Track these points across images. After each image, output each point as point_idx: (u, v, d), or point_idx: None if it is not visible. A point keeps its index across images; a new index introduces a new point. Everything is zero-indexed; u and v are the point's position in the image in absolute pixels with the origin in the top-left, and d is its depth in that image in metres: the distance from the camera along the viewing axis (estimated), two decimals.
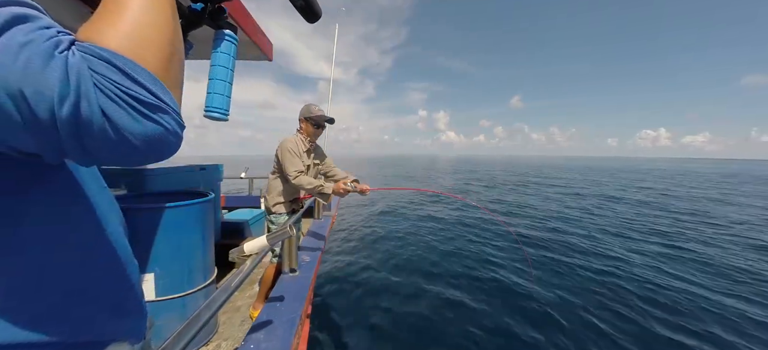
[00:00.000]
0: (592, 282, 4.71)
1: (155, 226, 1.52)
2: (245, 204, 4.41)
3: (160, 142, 0.35)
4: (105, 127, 0.31)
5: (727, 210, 11.18)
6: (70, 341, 0.42)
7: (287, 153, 2.12)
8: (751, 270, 5.19)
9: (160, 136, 0.35)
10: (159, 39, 0.37)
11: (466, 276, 4.92)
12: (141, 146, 0.34)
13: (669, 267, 5.25)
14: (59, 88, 0.28)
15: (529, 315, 3.82)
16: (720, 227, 8.35)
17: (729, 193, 15.94)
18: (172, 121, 0.36)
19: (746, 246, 6.57)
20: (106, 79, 0.31)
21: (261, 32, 2.22)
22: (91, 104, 0.29)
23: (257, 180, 5.20)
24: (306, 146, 2.27)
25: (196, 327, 0.78)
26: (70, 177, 0.44)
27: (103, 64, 0.31)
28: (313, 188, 2.07)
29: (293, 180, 2.09)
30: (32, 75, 0.27)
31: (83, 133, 0.30)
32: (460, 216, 9.04)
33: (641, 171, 38.39)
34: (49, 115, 0.28)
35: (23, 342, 0.38)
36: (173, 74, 0.39)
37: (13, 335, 0.37)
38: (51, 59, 0.28)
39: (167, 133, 0.36)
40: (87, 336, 0.44)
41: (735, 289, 4.51)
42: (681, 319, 3.72)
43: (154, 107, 0.34)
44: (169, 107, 0.36)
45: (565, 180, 22.97)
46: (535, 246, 6.40)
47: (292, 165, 2.10)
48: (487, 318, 3.78)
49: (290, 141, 2.19)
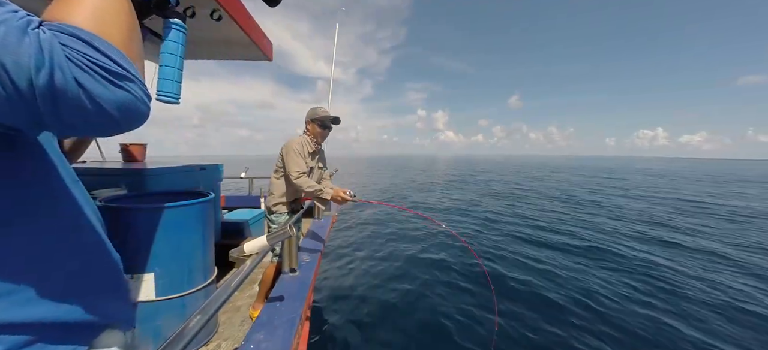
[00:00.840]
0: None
1: (155, 226, 1.52)
2: (245, 204, 4.41)
3: (131, 109, 0.39)
4: (79, 95, 0.33)
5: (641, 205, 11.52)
6: (64, 320, 0.45)
7: (292, 153, 2.13)
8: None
9: (129, 103, 0.38)
10: (118, 18, 0.41)
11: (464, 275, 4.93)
12: (114, 113, 0.37)
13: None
14: (35, 59, 0.30)
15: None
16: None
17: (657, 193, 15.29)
18: (139, 89, 0.40)
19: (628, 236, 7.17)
20: (76, 51, 0.33)
21: (261, 32, 2.22)
22: (65, 73, 0.32)
23: (257, 180, 5.19)
24: (312, 148, 2.29)
25: (196, 327, 0.78)
26: (42, 166, 0.47)
27: (71, 39, 0.34)
28: (313, 191, 2.08)
29: (294, 181, 2.09)
30: (10, 47, 0.29)
31: (60, 101, 0.32)
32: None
33: (621, 170, 38.59)
34: (28, 85, 0.30)
35: (17, 322, 0.41)
36: (135, 49, 0.43)
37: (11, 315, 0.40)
38: (25, 35, 0.30)
39: (136, 100, 0.39)
40: (78, 317, 0.47)
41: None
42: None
43: (121, 76, 0.37)
44: (135, 77, 0.39)
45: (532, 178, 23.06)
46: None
47: (295, 165, 2.11)
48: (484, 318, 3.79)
49: (296, 141, 2.20)
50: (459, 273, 5.08)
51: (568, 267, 5.33)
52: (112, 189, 2.01)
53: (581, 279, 4.79)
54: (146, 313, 1.55)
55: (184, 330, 0.75)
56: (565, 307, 3.97)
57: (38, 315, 0.42)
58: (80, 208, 0.51)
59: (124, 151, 3.08)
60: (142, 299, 1.53)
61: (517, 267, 5.36)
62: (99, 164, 2.81)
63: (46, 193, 0.46)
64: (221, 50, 2.38)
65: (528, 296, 4.30)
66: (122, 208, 1.54)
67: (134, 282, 1.52)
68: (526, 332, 3.49)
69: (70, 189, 0.50)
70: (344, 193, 2.05)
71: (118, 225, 1.54)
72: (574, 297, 4.23)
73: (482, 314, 3.86)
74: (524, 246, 6.53)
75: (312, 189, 2.08)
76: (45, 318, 0.43)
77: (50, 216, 0.46)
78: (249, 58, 2.53)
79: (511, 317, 3.78)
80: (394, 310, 3.97)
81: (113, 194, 1.87)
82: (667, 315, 3.81)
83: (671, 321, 3.68)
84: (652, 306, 4.04)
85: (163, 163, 2.85)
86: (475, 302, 4.14)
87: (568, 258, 5.75)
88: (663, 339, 3.38)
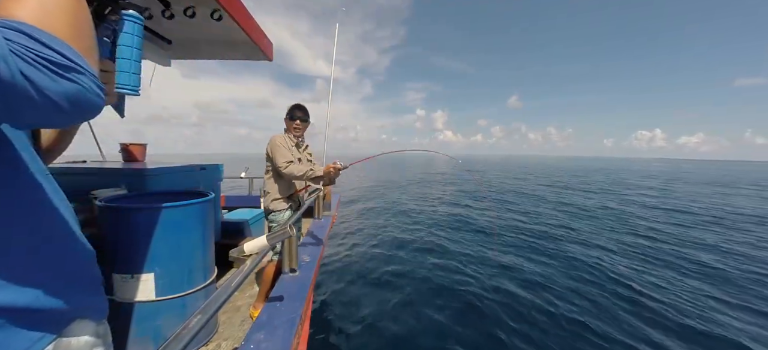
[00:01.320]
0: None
1: (155, 226, 1.52)
2: (245, 204, 4.41)
3: (81, 101, 0.40)
4: (27, 87, 0.34)
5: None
6: (32, 306, 0.46)
7: (276, 146, 2.19)
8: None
9: (79, 95, 0.39)
10: (64, 13, 0.42)
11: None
12: (63, 104, 0.38)
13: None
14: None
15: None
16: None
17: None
18: (89, 80, 0.41)
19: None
20: (20, 45, 0.34)
21: (261, 32, 2.22)
22: (10, 66, 0.32)
23: (257, 180, 5.19)
24: (293, 141, 2.34)
25: (196, 327, 0.78)
26: (6, 158, 0.47)
27: (15, 33, 0.34)
28: (305, 173, 2.12)
29: (284, 171, 2.13)
30: None
31: (7, 94, 0.33)
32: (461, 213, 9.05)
33: (605, 170, 38.88)
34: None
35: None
36: (85, 42, 0.45)
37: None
38: None
39: (86, 91, 0.40)
40: (46, 305, 0.48)
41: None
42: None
43: (68, 68, 0.38)
44: (84, 68, 0.40)
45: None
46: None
47: (281, 157, 2.15)
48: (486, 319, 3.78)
49: (279, 137, 2.27)
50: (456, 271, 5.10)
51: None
52: (112, 189, 2.01)
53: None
54: (146, 313, 1.55)
55: (184, 330, 0.75)
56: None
57: (5, 299, 0.43)
58: (50, 201, 0.53)
59: (124, 150, 3.08)
60: (142, 299, 1.53)
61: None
62: (99, 164, 2.81)
63: (9, 184, 0.47)
64: (222, 50, 2.38)
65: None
66: (122, 208, 1.54)
67: (134, 282, 1.52)
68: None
69: (39, 182, 0.52)
70: (335, 165, 2.10)
71: (118, 225, 1.54)
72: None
73: (483, 315, 3.86)
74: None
75: (302, 172, 2.12)
76: (12, 303, 0.44)
77: (16, 207, 0.47)
78: (249, 58, 2.53)
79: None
80: (394, 310, 3.97)
81: (113, 194, 1.87)
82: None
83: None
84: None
85: (160, 161, 2.85)
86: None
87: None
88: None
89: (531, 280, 4.81)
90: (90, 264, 0.59)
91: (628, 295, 4.34)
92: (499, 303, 4.14)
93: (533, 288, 4.53)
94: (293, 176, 2.15)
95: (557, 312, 3.89)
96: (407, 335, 3.48)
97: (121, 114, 0.86)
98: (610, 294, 4.35)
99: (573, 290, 4.48)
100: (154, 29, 1.96)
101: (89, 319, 0.56)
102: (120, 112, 0.86)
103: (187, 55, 2.47)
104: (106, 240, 1.55)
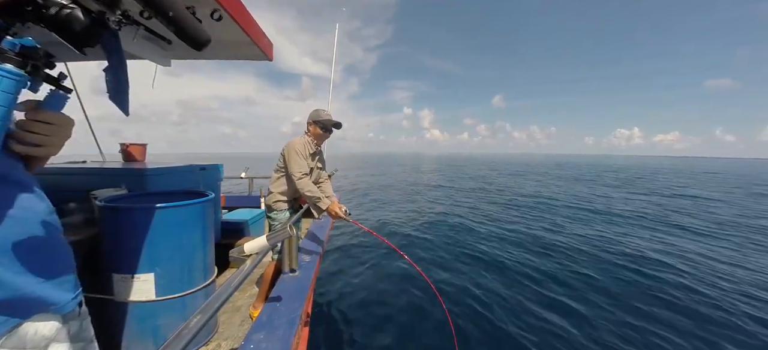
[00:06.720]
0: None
1: (155, 226, 1.52)
2: (245, 204, 4.40)
3: None
4: None
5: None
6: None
7: (294, 153, 2.17)
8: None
9: None
10: None
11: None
12: None
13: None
14: None
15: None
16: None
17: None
18: None
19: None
20: None
21: (261, 32, 2.21)
22: None
23: (257, 180, 5.19)
24: (312, 149, 2.32)
25: (196, 327, 0.78)
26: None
27: None
28: (312, 196, 2.11)
29: (297, 181, 2.12)
30: None
31: None
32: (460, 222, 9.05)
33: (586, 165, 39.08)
34: None
35: None
36: None
37: None
38: None
39: None
40: (7, 294, 0.52)
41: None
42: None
43: None
44: None
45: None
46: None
47: (298, 166, 2.14)
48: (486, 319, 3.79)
49: (299, 142, 2.24)
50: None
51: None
52: (112, 189, 2.01)
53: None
54: (146, 313, 1.55)
55: (184, 330, 0.75)
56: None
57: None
58: (22, 196, 0.58)
59: (124, 150, 3.08)
60: (142, 299, 1.53)
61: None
62: (99, 164, 2.81)
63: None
64: (221, 50, 2.38)
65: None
66: (122, 208, 1.54)
67: (134, 282, 1.52)
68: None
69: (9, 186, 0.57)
70: (340, 209, 2.06)
71: (118, 225, 1.54)
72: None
73: (482, 314, 3.86)
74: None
75: (311, 194, 2.11)
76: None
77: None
78: (249, 58, 2.53)
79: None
80: (394, 310, 3.97)
81: (113, 194, 1.87)
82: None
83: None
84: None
85: (162, 164, 2.85)
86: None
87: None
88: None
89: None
90: (64, 262, 0.63)
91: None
92: (509, 308, 4.14)
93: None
94: (302, 190, 2.14)
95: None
96: (409, 335, 3.48)
97: (125, 112, 0.86)
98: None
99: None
100: (154, 29, 1.96)
101: (52, 312, 0.60)
102: (124, 110, 0.85)
103: (187, 55, 2.47)
104: (106, 240, 1.56)
